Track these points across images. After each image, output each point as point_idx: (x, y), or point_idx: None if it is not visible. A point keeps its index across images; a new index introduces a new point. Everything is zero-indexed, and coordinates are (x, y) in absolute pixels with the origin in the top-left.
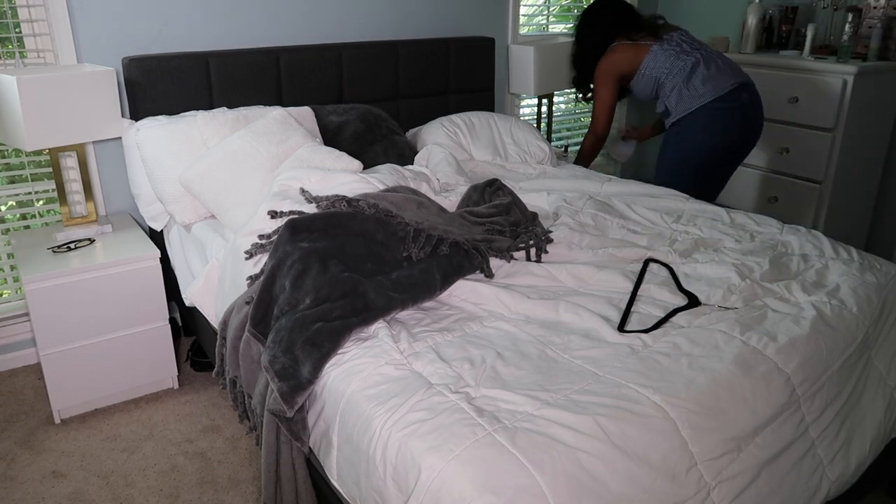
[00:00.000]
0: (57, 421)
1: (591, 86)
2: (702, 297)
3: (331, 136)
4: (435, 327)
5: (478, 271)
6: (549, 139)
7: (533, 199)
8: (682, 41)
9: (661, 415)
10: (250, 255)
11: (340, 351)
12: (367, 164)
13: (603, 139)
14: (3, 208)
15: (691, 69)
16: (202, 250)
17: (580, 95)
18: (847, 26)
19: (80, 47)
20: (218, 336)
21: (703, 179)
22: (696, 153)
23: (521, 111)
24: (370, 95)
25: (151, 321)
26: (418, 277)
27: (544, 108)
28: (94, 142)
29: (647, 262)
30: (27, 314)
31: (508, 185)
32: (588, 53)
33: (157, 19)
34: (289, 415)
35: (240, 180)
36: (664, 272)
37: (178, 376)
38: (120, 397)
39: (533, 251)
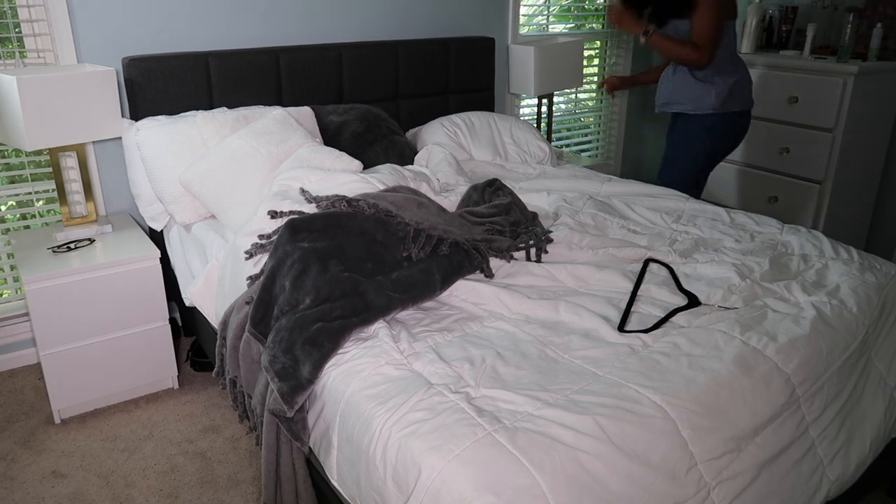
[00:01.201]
0: (57, 421)
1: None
2: (702, 297)
3: (331, 136)
4: (435, 327)
5: (478, 271)
6: (549, 139)
7: (533, 199)
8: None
9: (661, 415)
10: (250, 255)
11: (340, 351)
12: (367, 164)
13: (703, 67)
14: (3, 208)
15: (741, 67)
16: (202, 250)
17: (651, 28)
18: (847, 26)
19: (80, 47)
20: (218, 336)
21: (700, 179)
22: (700, 155)
23: (521, 111)
24: (370, 95)
25: (151, 321)
26: (418, 277)
27: (544, 108)
28: (94, 142)
29: (647, 261)
30: (27, 314)
31: (508, 185)
32: None
33: (157, 19)
34: (289, 415)
35: (240, 180)
36: (664, 272)
37: (178, 376)
38: (120, 397)
39: (533, 251)
